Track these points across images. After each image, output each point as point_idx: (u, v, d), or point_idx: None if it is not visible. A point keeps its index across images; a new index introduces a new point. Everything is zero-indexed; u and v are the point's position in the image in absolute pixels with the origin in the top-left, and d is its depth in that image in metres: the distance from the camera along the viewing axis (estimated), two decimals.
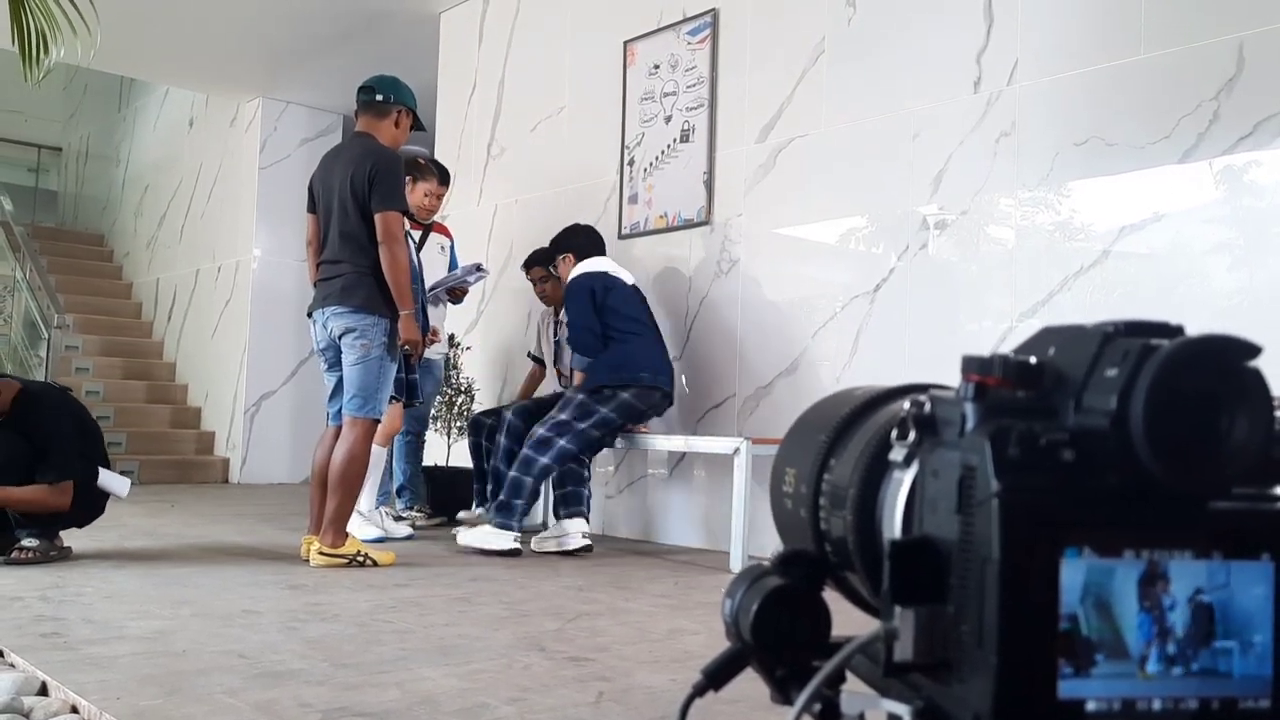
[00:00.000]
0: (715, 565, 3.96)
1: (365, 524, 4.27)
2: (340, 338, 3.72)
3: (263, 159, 7.99)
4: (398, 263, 3.66)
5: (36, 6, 3.40)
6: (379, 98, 3.86)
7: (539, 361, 5.19)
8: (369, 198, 3.67)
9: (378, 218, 3.65)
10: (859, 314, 4.08)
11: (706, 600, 3.15)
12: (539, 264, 4.97)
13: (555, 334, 4.99)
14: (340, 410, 3.77)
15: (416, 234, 5.05)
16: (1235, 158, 3.14)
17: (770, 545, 4.00)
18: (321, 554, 3.60)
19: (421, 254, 5.01)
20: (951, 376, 0.91)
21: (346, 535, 3.65)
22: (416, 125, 4.00)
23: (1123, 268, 3.38)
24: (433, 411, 5.30)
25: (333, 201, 3.75)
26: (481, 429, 4.69)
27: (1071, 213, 3.53)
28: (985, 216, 3.73)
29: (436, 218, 5.23)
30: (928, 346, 3.86)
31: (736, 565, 3.81)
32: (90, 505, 3.65)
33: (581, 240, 4.53)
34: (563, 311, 4.71)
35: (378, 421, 3.77)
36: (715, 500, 4.50)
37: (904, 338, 3.93)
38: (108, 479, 3.65)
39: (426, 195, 4.98)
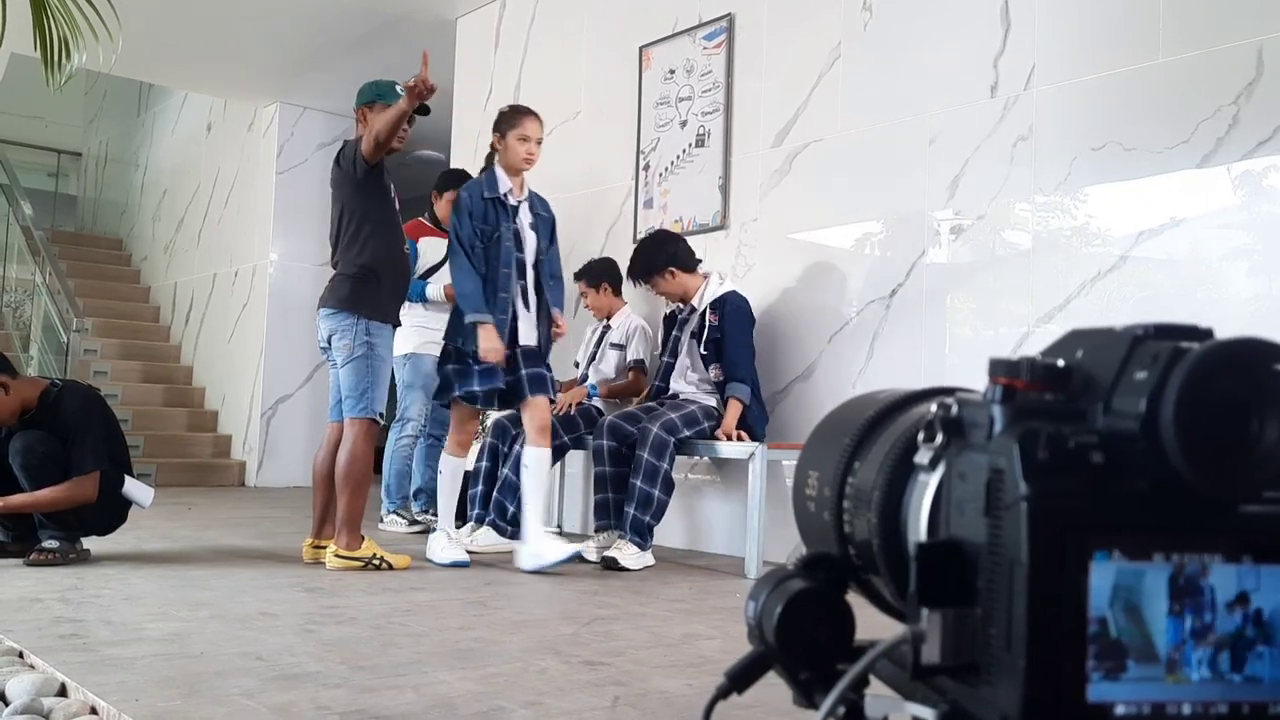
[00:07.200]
0: (730, 570, 3.96)
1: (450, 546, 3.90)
2: (330, 337, 3.76)
3: (280, 164, 8.03)
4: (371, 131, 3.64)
5: (59, 12, 3.43)
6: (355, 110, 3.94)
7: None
8: (345, 179, 3.74)
9: (359, 151, 3.67)
10: (875, 319, 4.07)
11: (722, 605, 3.14)
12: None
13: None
14: (337, 407, 3.83)
15: (445, 242, 5.06)
16: (1254, 163, 3.12)
17: (785, 551, 4.00)
18: (338, 556, 3.61)
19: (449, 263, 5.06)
20: (966, 382, 0.90)
21: (362, 537, 3.67)
22: (420, 111, 3.82)
23: (1140, 273, 3.36)
24: None
25: (330, 207, 3.86)
26: (508, 433, 4.50)
27: (1089, 218, 3.51)
28: (1002, 222, 3.72)
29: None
30: (943, 352, 3.85)
31: (752, 571, 3.80)
32: (114, 512, 3.67)
33: (685, 248, 4.32)
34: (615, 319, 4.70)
35: (375, 421, 3.75)
36: (730, 505, 4.49)
37: (920, 343, 3.92)
38: (132, 487, 3.67)
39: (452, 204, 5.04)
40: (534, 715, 1.82)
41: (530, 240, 3.92)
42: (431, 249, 5.09)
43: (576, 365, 4.91)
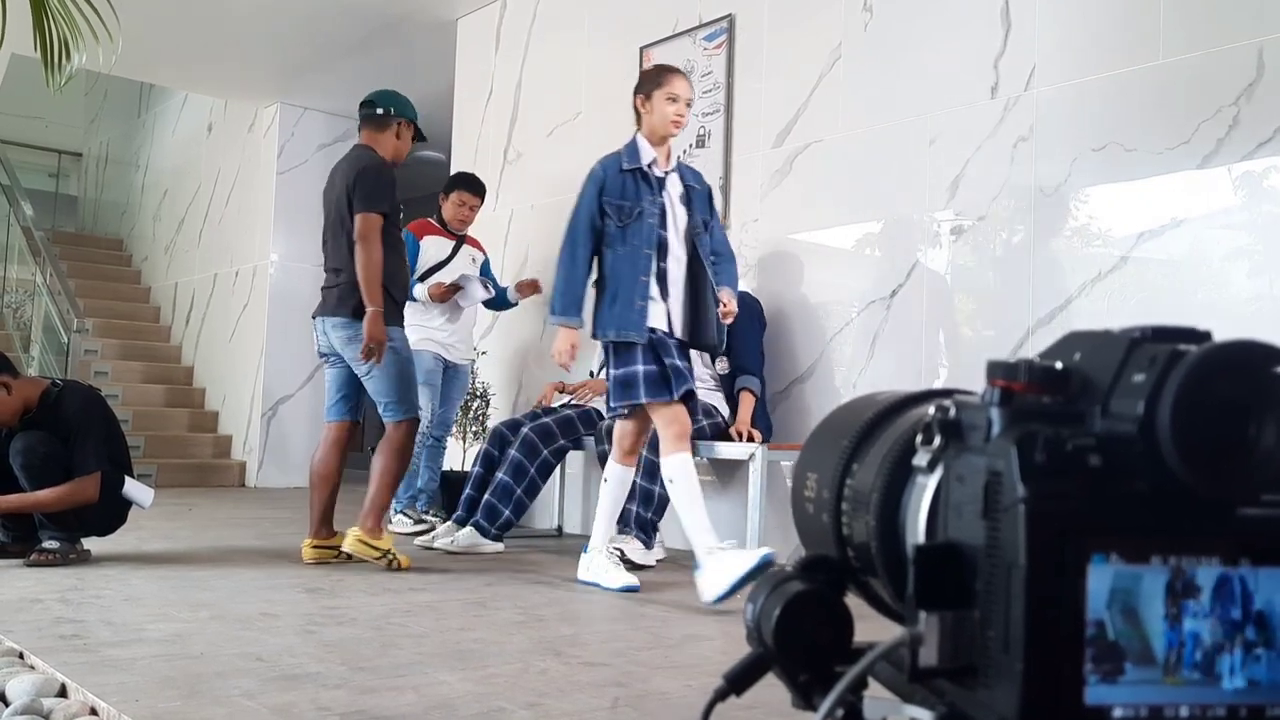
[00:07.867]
0: None
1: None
2: (345, 349, 3.77)
3: (280, 164, 8.03)
4: (369, 261, 3.66)
5: (59, 13, 3.43)
6: (379, 111, 3.94)
7: None
8: (353, 203, 3.75)
9: (356, 218, 3.71)
10: (875, 320, 4.07)
11: (722, 606, 3.14)
12: None
13: None
14: (334, 407, 3.87)
15: (450, 243, 5.12)
16: (1255, 163, 3.12)
17: (785, 552, 3.99)
18: (360, 541, 3.62)
19: (452, 264, 5.08)
20: (967, 384, 0.91)
21: (384, 528, 3.69)
22: (418, 137, 4.04)
23: (1141, 274, 3.36)
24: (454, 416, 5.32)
25: (331, 211, 3.86)
26: (506, 441, 4.48)
27: (1089, 219, 3.51)
28: (1002, 222, 3.72)
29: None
30: (944, 353, 3.85)
31: None
32: (114, 512, 3.67)
33: None
34: None
35: (417, 421, 3.83)
36: (730, 505, 4.49)
37: (920, 344, 3.92)
38: (133, 488, 3.68)
39: (459, 206, 5.08)
40: (534, 716, 1.82)
41: (680, 216, 3.37)
42: (435, 248, 5.10)
43: (592, 375, 4.90)
